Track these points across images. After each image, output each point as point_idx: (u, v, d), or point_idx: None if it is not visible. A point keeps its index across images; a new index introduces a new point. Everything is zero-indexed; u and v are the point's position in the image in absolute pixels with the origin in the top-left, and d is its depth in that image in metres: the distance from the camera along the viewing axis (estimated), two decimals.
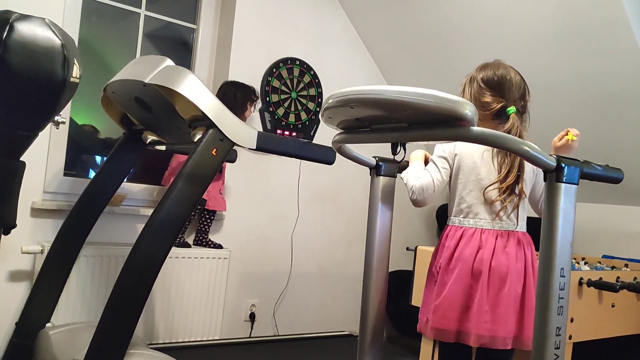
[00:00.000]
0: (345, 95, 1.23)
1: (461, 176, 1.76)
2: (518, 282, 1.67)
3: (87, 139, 2.97)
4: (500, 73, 1.73)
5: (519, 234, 1.73)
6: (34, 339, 2.08)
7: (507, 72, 1.74)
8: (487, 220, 1.71)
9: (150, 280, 1.62)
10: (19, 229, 1.90)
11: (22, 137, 1.57)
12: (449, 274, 1.70)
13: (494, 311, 1.63)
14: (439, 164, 1.77)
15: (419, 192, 1.73)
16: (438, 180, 1.75)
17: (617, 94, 2.53)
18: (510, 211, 1.71)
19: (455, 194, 1.79)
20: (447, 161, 1.78)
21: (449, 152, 1.78)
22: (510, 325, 1.64)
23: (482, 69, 1.77)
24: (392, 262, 2.10)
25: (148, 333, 2.67)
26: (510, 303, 1.64)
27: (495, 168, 1.72)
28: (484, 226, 1.71)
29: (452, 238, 1.74)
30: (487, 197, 1.71)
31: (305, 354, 2.89)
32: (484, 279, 1.65)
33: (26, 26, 1.44)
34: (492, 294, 1.64)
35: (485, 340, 1.63)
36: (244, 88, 2.87)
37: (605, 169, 1.24)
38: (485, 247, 1.67)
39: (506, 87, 1.71)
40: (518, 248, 1.70)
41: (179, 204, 1.65)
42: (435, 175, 1.75)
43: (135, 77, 1.78)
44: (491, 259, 1.66)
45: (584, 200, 2.87)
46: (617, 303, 2.14)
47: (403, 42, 3.30)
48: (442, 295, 1.70)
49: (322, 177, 3.32)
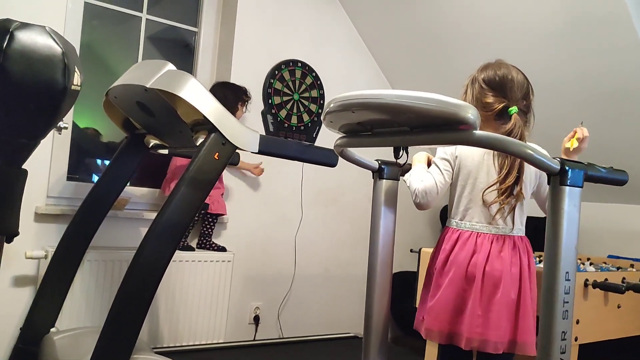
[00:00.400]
0: (347, 100, 1.23)
1: (461, 178, 1.75)
2: (512, 288, 1.65)
3: (90, 142, 2.97)
4: (502, 73, 1.71)
5: (515, 238, 1.71)
6: (38, 344, 2.09)
7: (509, 71, 1.72)
8: (483, 224, 1.71)
9: (154, 285, 1.62)
10: (22, 235, 1.91)
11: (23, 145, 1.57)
12: (444, 276, 1.70)
13: (486, 316, 1.62)
14: (442, 166, 1.76)
15: (422, 196, 1.72)
16: (441, 183, 1.74)
17: (619, 92, 2.51)
18: (507, 214, 1.69)
19: (454, 195, 1.78)
20: (449, 163, 1.77)
21: (450, 153, 1.77)
22: (502, 330, 1.62)
23: (483, 69, 1.76)
24: (397, 264, 2.10)
25: (152, 337, 2.67)
26: (502, 308, 1.63)
27: (495, 170, 1.70)
28: (480, 230, 1.70)
29: (449, 241, 1.74)
30: (485, 200, 1.70)
31: (310, 356, 2.88)
32: (478, 284, 1.64)
33: (26, 34, 1.44)
34: (485, 298, 1.64)
35: (475, 343, 1.62)
36: (235, 88, 2.86)
37: (609, 171, 1.23)
38: (480, 252, 1.67)
39: (508, 87, 1.69)
40: (513, 252, 1.68)
41: (182, 208, 1.65)
42: (438, 178, 1.74)
43: (137, 81, 1.78)
44: (485, 263, 1.65)
45: (589, 199, 2.85)
46: (623, 304, 2.12)
47: (405, 43, 3.29)
48: (435, 298, 1.70)
49: (325, 179, 3.31)
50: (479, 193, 1.71)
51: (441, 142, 1.19)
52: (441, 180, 1.74)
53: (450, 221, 1.78)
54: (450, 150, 1.77)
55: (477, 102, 1.71)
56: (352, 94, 1.22)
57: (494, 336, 1.62)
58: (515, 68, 1.75)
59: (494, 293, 1.64)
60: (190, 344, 2.76)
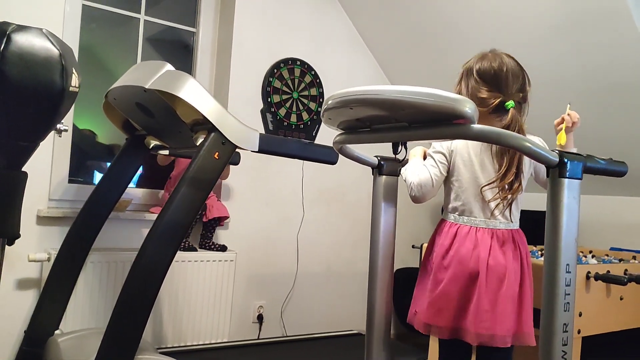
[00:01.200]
0: (344, 96, 1.23)
1: (457, 173, 1.74)
2: (515, 281, 1.66)
3: (90, 145, 2.98)
4: (497, 65, 1.67)
5: (514, 232, 1.72)
6: (43, 346, 2.10)
7: (504, 63, 1.67)
8: (482, 219, 1.70)
9: (157, 285, 1.62)
10: (25, 238, 1.91)
11: (22, 147, 1.58)
12: (443, 271, 1.70)
13: (493, 310, 1.62)
14: (437, 159, 1.75)
15: (417, 189, 1.72)
16: (436, 176, 1.73)
17: (619, 85, 2.51)
18: (505, 209, 1.69)
19: (450, 189, 1.77)
20: (444, 156, 1.75)
21: (446, 147, 1.76)
22: (509, 323, 1.63)
23: (478, 60, 1.72)
24: (399, 260, 2.10)
25: (156, 337, 2.68)
26: (508, 302, 1.63)
27: (492, 165, 1.70)
28: (478, 225, 1.70)
29: (447, 235, 1.73)
30: (484, 195, 1.69)
31: (314, 354, 2.89)
32: (482, 279, 1.64)
33: (23, 37, 1.45)
34: (490, 293, 1.64)
35: (484, 338, 1.62)
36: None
37: (608, 162, 1.23)
38: (481, 246, 1.66)
39: (503, 81, 1.66)
40: (513, 246, 1.69)
41: (183, 208, 1.65)
42: (432, 171, 1.73)
43: (136, 82, 1.78)
44: (488, 258, 1.65)
45: (590, 192, 2.86)
46: (625, 296, 2.12)
47: (404, 40, 3.29)
48: (436, 292, 1.69)
49: (327, 177, 3.32)
50: (477, 188, 1.70)
51: (440, 137, 1.19)
52: (436, 173, 1.73)
53: (448, 215, 1.77)
54: (446, 144, 1.76)
55: (472, 97, 1.68)
56: (350, 90, 1.22)
57: (501, 330, 1.62)
58: (511, 58, 1.71)
59: (499, 287, 1.64)
60: (194, 344, 2.77)
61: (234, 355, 2.75)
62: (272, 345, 2.95)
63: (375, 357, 1.66)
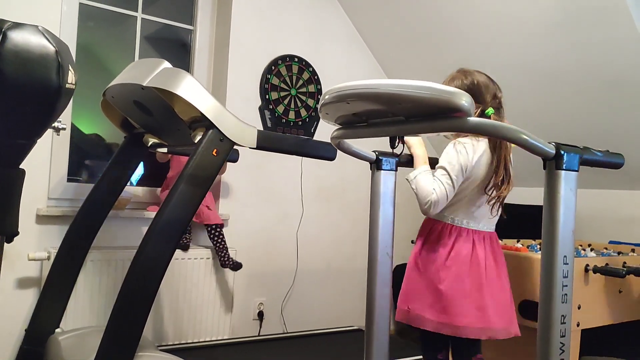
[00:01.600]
0: (341, 91, 1.23)
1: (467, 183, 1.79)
2: (506, 278, 1.80)
3: (89, 143, 2.98)
4: (469, 81, 1.79)
5: (493, 233, 1.84)
6: (43, 345, 2.10)
7: (474, 77, 1.80)
8: (478, 223, 1.80)
9: (156, 282, 1.63)
10: (25, 236, 1.91)
11: (20, 145, 1.57)
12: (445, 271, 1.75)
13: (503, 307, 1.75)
14: (454, 177, 1.74)
15: (434, 206, 1.74)
16: (451, 193, 1.75)
17: (617, 80, 2.51)
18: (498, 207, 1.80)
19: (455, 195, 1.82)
20: (462, 174, 1.75)
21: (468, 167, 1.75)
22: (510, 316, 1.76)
23: (450, 81, 1.82)
24: (399, 256, 2.10)
25: (157, 335, 2.69)
26: (507, 297, 1.78)
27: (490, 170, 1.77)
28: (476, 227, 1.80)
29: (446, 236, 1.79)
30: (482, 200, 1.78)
31: (315, 350, 2.89)
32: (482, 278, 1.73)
33: (19, 34, 1.44)
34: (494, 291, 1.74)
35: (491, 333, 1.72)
36: None
37: (605, 154, 1.23)
38: (479, 248, 1.76)
39: (478, 92, 1.76)
40: (498, 246, 1.83)
41: (181, 205, 1.65)
42: (449, 190, 1.74)
43: (133, 80, 1.78)
44: (485, 259, 1.75)
45: (590, 186, 2.86)
46: (624, 288, 2.13)
47: (402, 36, 3.28)
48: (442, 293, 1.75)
49: (326, 173, 3.32)
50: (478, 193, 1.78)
51: (436, 130, 1.19)
52: (451, 190, 1.75)
53: (445, 216, 1.81)
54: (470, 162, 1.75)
55: None
56: (347, 84, 1.22)
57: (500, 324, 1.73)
58: (478, 71, 1.83)
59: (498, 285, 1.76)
60: (195, 341, 2.78)
61: (235, 352, 2.75)
62: (273, 342, 2.96)
63: (375, 352, 1.67)
